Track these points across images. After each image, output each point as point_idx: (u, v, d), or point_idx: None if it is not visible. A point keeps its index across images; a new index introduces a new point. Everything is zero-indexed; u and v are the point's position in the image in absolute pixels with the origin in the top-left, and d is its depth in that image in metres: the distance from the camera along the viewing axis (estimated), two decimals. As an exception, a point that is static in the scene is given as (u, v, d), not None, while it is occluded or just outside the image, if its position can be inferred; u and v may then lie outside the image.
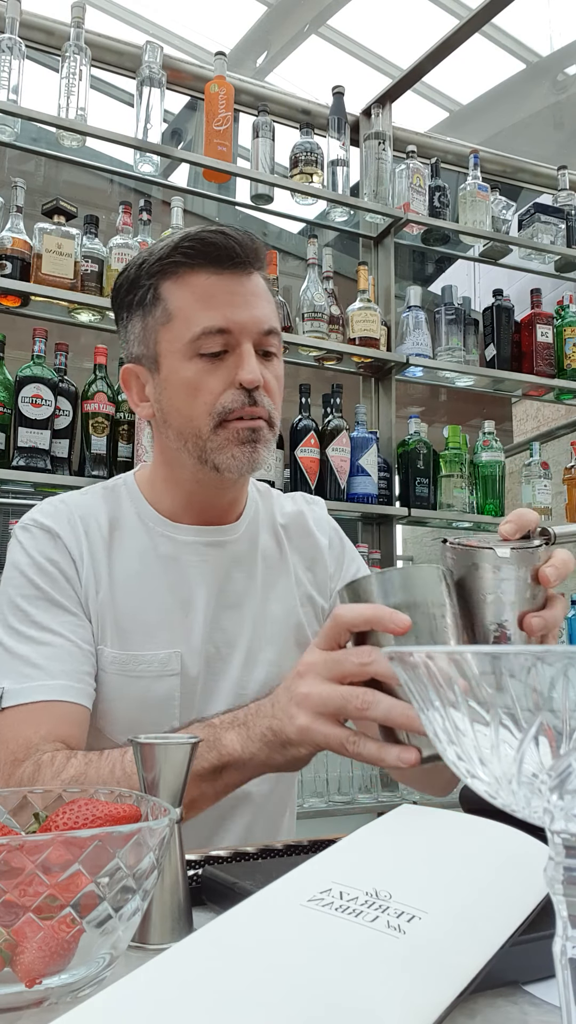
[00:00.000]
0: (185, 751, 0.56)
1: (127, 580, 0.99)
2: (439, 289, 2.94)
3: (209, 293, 0.93)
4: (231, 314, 0.92)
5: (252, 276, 0.95)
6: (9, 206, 2.05)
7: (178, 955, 0.41)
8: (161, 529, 1.02)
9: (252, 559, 1.05)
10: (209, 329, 0.91)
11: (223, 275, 0.93)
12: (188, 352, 0.93)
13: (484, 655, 0.30)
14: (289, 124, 2.56)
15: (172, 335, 0.94)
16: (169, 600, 0.99)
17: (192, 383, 0.93)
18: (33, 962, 0.43)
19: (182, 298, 0.93)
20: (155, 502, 1.04)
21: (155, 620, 0.98)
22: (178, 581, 1.00)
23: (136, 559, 1.00)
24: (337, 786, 2.22)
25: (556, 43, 3.66)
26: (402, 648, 0.34)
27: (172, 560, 1.00)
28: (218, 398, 0.92)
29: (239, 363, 0.92)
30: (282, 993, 0.38)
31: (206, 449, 0.94)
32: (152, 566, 1.00)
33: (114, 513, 1.02)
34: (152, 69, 2.21)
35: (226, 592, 1.02)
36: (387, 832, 0.57)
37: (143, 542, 1.01)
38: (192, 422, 0.94)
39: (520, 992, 0.47)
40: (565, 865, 0.33)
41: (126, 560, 1.00)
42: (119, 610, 0.97)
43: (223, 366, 0.93)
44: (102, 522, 1.01)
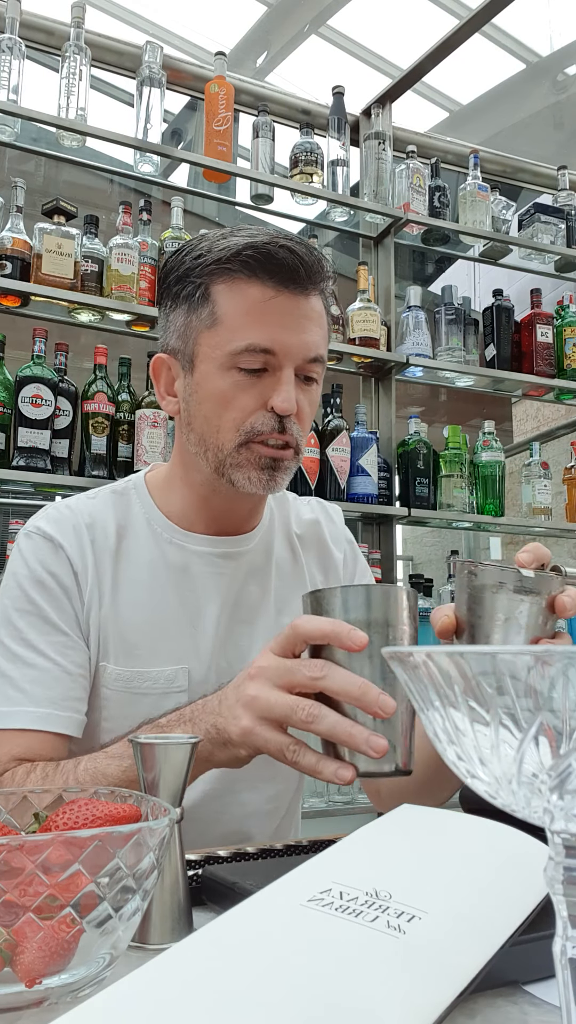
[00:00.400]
0: (185, 751, 0.56)
1: (134, 591, 0.95)
2: (439, 289, 2.94)
3: (261, 309, 0.88)
4: (279, 335, 0.88)
5: (310, 298, 0.91)
6: (9, 206, 2.05)
7: (178, 955, 0.41)
8: (171, 536, 0.98)
9: (266, 571, 1.03)
10: (254, 347, 0.88)
11: (280, 293, 0.88)
12: (227, 363, 0.89)
13: (484, 655, 0.30)
14: (289, 124, 2.56)
15: (215, 341, 0.90)
16: (178, 613, 0.96)
17: (225, 395, 0.89)
18: (33, 962, 0.43)
19: (233, 306, 0.89)
20: (167, 506, 1.00)
21: (162, 634, 0.95)
22: (188, 593, 0.97)
23: (145, 568, 0.97)
24: (337, 786, 2.22)
25: (556, 43, 3.66)
26: (402, 648, 0.34)
27: (182, 571, 0.97)
28: (248, 417, 0.89)
29: (276, 387, 0.89)
30: (282, 993, 0.38)
31: (225, 463, 0.91)
32: (161, 576, 0.97)
33: (123, 519, 0.99)
34: (152, 69, 2.21)
35: (239, 606, 0.99)
36: (387, 832, 0.57)
37: (152, 550, 0.98)
38: (218, 434, 0.91)
39: (520, 992, 0.47)
40: (565, 865, 0.33)
41: (134, 570, 0.96)
42: (124, 624, 0.94)
43: (260, 385, 0.89)
44: (110, 530, 0.97)
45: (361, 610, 0.64)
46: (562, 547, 3.99)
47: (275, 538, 1.05)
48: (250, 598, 1.00)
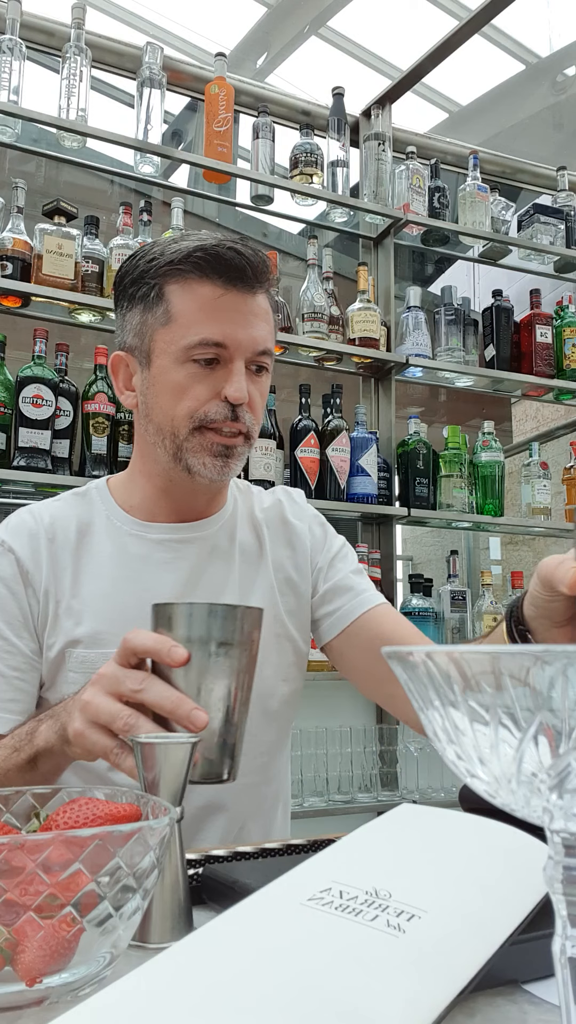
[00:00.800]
0: (185, 751, 0.56)
1: (96, 583, 1.01)
2: (439, 289, 2.94)
3: (212, 306, 0.95)
4: (230, 330, 0.95)
5: (256, 296, 0.98)
6: (10, 207, 2.05)
7: (178, 954, 0.41)
8: (130, 528, 1.04)
9: (229, 554, 1.06)
10: (207, 341, 0.94)
11: (229, 291, 0.95)
12: (182, 356, 0.95)
13: (484, 655, 0.31)
14: (289, 125, 2.56)
15: (169, 337, 0.96)
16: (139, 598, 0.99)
17: (180, 386, 0.96)
18: (33, 961, 0.43)
19: (185, 304, 0.95)
20: (127, 503, 1.06)
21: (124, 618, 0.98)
22: (150, 579, 1.01)
23: (106, 562, 1.02)
24: (337, 785, 2.22)
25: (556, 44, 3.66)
26: (401, 648, 0.34)
27: (142, 559, 1.02)
28: (202, 406, 0.95)
29: (228, 378, 0.95)
30: (282, 992, 0.38)
31: (182, 449, 0.97)
32: (122, 567, 1.01)
33: (85, 518, 1.05)
34: (152, 70, 2.21)
35: (202, 587, 1.03)
36: (387, 831, 0.57)
37: (113, 544, 1.03)
38: (172, 422, 0.97)
39: (520, 991, 0.47)
40: (565, 864, 0.33)
41: (95, 564, 1.02)
42: (88, 614, 0.99)
43: (213, 376, 0.96)
44: (70, 529, 1.03)
45: (187, 627, 0.66)
46: (562, 547, 3.99)
47: (239, 523, 1.09)
48: (213, 579, 1.04)
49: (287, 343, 2.33)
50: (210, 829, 1.00)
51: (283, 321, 2.34)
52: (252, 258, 0.96)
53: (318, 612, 1.10)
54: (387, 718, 2.44)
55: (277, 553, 1.09)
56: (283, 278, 2.43)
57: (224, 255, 0.95)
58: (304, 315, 2.36)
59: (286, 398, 2.48)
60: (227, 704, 0.65)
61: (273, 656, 1.05)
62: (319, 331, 2.35)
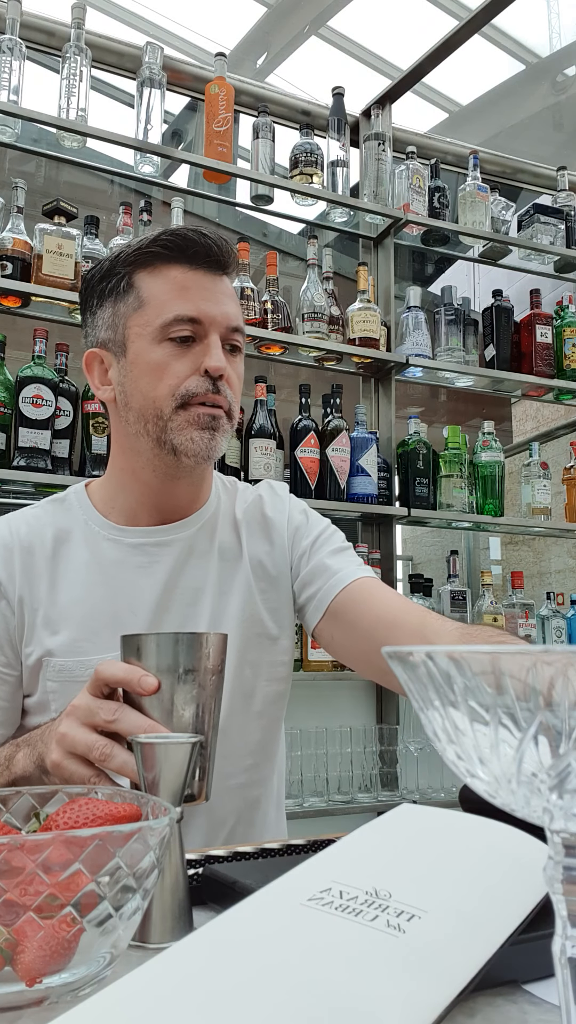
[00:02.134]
0: (185, 751, 0.56)
1: (72, 591, 1.01)
2: (439, 289, 2.94)
3: (183, 285, 0.97)
4: (203, 306, 0.96)
5: (223, 277, 1.00)
6: (10, 207, 2.05)
7: (178, 954, 0.41)
8: (107, 533, 1.04)
9: (207, 554, 1.05)
10: (182, 317, 0.96)
11: (197, 271, 0.98)
12: (158, 336, 0.96)
13: (484, 655, 0.31)
14: (289, 125, 2.56)
15: (143, 320, 0.97)
16: (116, 604, 1.00)
17: (159, 365, 0.96)
18: (33, 961, 0.43)
19: (156, 287, 0.97)
20: (106, 508, 1.05)
21: (101, 626, 0.99)
22: (125, 584, 1.01)
23: (82, 569, 1.02)
24: (337, 786, 2.22)
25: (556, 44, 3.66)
26: (401, 648, 0.34)
27: (118, 564, 1.02)
28: (183, 382, 0.96)
29: (206, 351, 0.96)
30: (282, 992, 0.38)
31: (166, 429, 0.96)
32: (97, 574, 1.01)
33: (62, 525, 1.05)
34: (152, 70, 2.21)
35: (180, 589, 1.03)
36: (387, 832, 0.57)
37: (89, 551, 1.03)
38: (155, 403, 0.97)
39: (520, 991, 0.47)
40: (565, 864, 0.33)
41: (72, 572, 1.02)
42: (64, 623, 0.99)
43: (190, 353, 0.97)
44: (47, 537, 1.03)
45: (155, 656, 0.67)
46: (562, 547, 3.99)
47: (219, 522, 1.08)
48: (192, 580, 1.03)
49: (287, 343, 2.33)
50: (192, 831, 0.99)
51: (283, 321, 2.34)
52: (216, 240, 0.98)
53: (301, 598, 1.08)
54: (387, 718, 2.44)
55: (255, 550, 1.08)
56: (283, 278, 2.43)
57: (190, 236, 0.97)
58: (304, 315, 2.36)
59: (286, 398, 2.48)
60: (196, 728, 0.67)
61: (252, 655, 1.04)
62: (319, 331, 2.35)
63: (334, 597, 1.03)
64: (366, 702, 2.45)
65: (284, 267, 2.51)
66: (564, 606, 2.74)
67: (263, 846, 0.73)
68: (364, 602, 1.02)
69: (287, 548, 1.08)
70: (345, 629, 1.04)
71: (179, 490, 1.04)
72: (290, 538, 1.09)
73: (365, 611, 1.02)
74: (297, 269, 2.82)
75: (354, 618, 1.03)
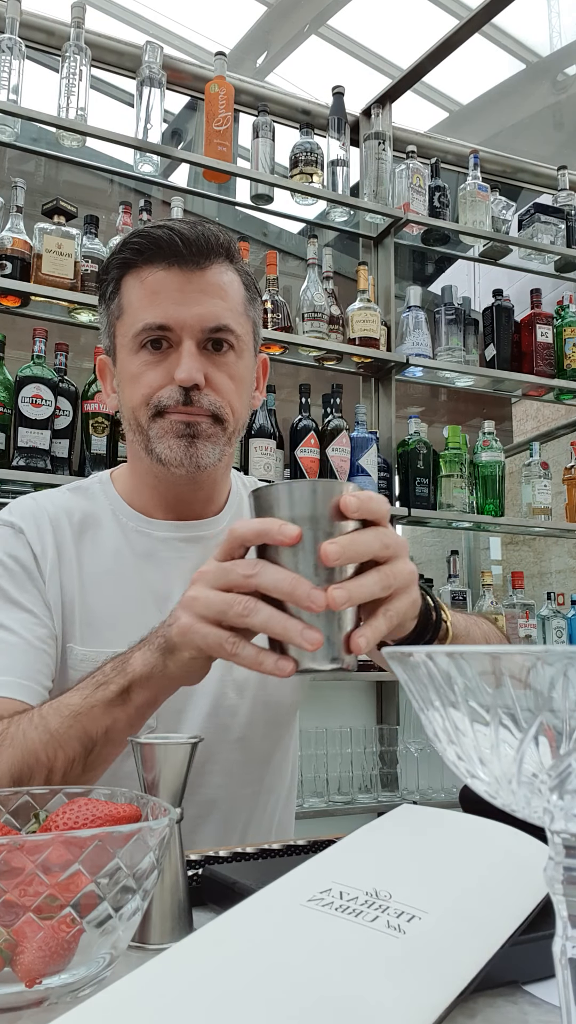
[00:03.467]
0: (185, 751, 0.56)
1: (99, 577, 0.98)
2: (439, 289, 2.94)
3: (154, 289, 0.93)
4: (172, 311, 0.92)
5: (205, 271, 0.94)
6: (9, 206, 2.05)
7: (178, 955, 0.41)
8: (136, 524, 1.01)
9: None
10: (149, 325, 0.92)
11: (170, 271, 0.93)
12: (133, 345, 0.94)
13: (484, 655, 0.30)
14: (289, 124, 2.56)
15: (123, 328, 0.96)
16: (144, 596, 0.97)
17: (135, 375, 0.94)
18: (33, 962, 0.43)
19: (133, 292, 0.95)
20: (131, 498, 1.03)
21: (128, 617, 0.95)
22: (155, 578, 0.98)
23: (110, 556, 0.99)
24: (337, 786, 2.22)
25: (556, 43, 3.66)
26: (403, 648, 0.34)
27: (148, 556, 0.99)
28: (155, 392, 0.93)
29: (178, 361, 0.92)
30: (282, 993, 0.38)
31: (148, 438, 0.95)
32: (126, 563, 0.99)
33: (88, 510, 1.02)
34: (152, 69, 2.21)
35: None
36: (387, 832, 0.57)
37: (117, 539, 1.00)
38: (135, 413, 0.95)
39: (520, 992, 0.47)
40: (565, 865, 0.33)
41: (99, 557, 0.99)
42: (90, 608, 0.96)
43: (165, 362, 0.94)
44: (74, 519, 1.00)
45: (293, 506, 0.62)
46: (562, 547, 3.99)
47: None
48: None
49: (287, 343, 2.33)
50: (204, 833, 0.98)
51: (283, 321, 2.34)
52: (188, 232, 0.93)
53: None
54: (387, 719, 2.44)
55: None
56: (283, 278, 2.43)
57: (153, 234, 0.93)
58: (304, 315, 2.36)
59: (286, 398, 2.47)
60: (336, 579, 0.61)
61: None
62: (319, 331, 2.35)
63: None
64: (366, 703, 2.45)
65: (284, 267, 2.51)
66: (564, 606, 2.74)
67: (263, 847, 0.73)
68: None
69: None
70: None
71: (187, 495, 1.01)
72: None
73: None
74: (297, 269, 2.81)
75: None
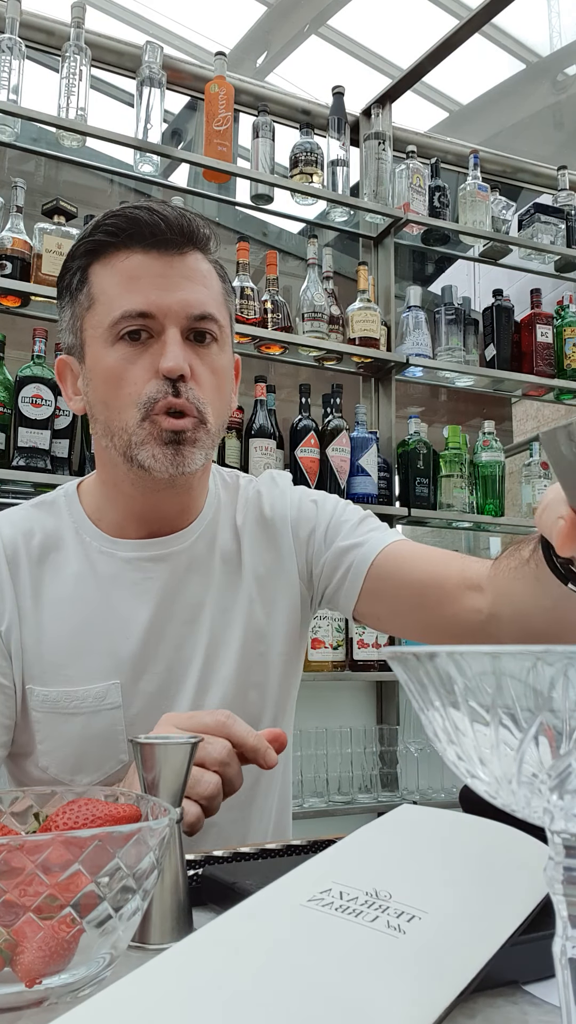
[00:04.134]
0: (185, 751, 0.56)
1: (58, 607, 0.91)
2: (439, 289, 2.94)
3: (133, 274, 0.85)
4: (154, 297, 0.84)
5: (186, 256, 0.87)
6: (9, 206, 2.05)
7: (178, 955, 0.41)
8: (99, 545, 0.93)
9: (208, 564, 0.96)
10: (130, 313, 0.84)
11: (150, 255, 0.85)
12: (110, 337, 0.86)
13: (484, 655, 0.30)
14: (289, 124, 2.56)
15: (95, 320, 0.87)
16: (106, 626, 0.91)
17: (115, 371, 0.86)
18: (33, 962, 0.43)
19: (106, 280, 0.86)
20: (97, 515, 0.95)
21: (89, 650, 0.90)
22: (118, 603, 0.91)
23: (70, 583, 0.92)
24: (337, 786, 2.22)
25: (556, 43, 3.66)
26: (402, 648, 0.34)
27: (111, 580, 0.92)
28: (142, 388, 0.85)
29: (162, 351, 0.85)
30: (282, 993, 0.38)
31: (131, 444, 0.86)
32: (87, 589, 0.92)
33: (50, 530, 0.94)
34: (152, 69, 2.21)
35: (179, 606, 0.93)
36: (387, 832, 0.57)
37: (80, 563, 0.93)
38: (119, 415, 0.86)
39: (520, 992, 0.47)
40: (565, 865, 0.33)
41: (59, 586, 0.92)
42: (48, 643, 0.90)
43: (147, 353, 0.85)
44: (32, 544, 0.93)
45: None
46: (562, 547, 3.98)
47: (219, 529, 0.98)
48: (191, 596, 0.94)
49: (287, 343, 2.33)
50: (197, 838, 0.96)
51: (283, 321, 2.34)
52: (169, 215, 0.86)
53: (329, 589, 0.98)
54: (387, 719, 2.44)
55: (256, 560, 0.98)
56: (283, 278, 2.43)
57: (134, 215, 0.85)
58: (304, 315, 2.36)
59: (286, 398, 2.47)
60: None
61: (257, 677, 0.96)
62: (319, 331, 2.35)
63: (365, 576, 0.94)
64: (366, 702, 2.45)
65: (284, 267, 2.51)
66: (564, 606, 2.74)
67: (263, 847, 0.72)
68: (399, 569, 0.93)
69: (292, 549, 0.99)
70: (388, 603, 0.95)
71: (165, 504, 0.93)
72: (295, 536, 0.99)
73: (403, 578, 0.93)
74: (297, 269, 2.81)
75: (394, 589, 0.93)
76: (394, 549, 0.95)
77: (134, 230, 0.85)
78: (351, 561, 0.95)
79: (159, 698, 0.91)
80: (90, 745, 0.89)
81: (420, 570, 0.92)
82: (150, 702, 0.91)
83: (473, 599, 0.88)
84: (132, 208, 0.86)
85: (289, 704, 1.02)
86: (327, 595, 1.00)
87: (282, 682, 0.99)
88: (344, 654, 2.31)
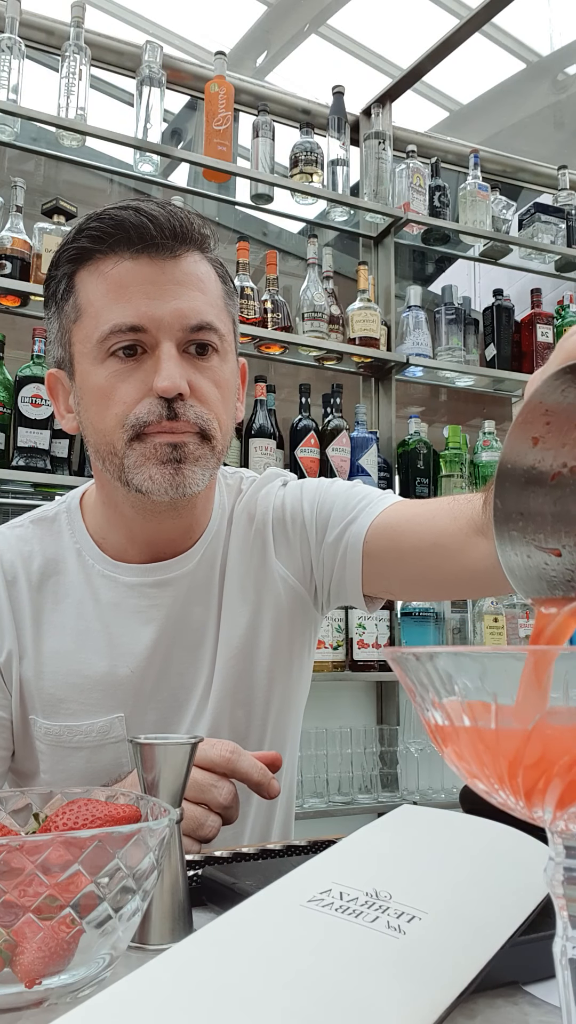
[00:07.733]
0: (185, 751, 0.56)
1: (59, 638, 0.87)
2: (439, 289, 2.94)
3: (121, 283, 0.78)
4: (146, 308, 0.77)
5: (180, 259, 0.80)
6: (9, 206, 2.05)
7: (178, 956, 0.41)
8: (102, 568, 0.88)
9: (210, 586, 0.91)
10: (119, 327, 0.77)
11: (139, 260, 0.78)
12: (99, 354, 0.79)
13: (484, 655, 0.30)
14: (289, 124, 2.56)
15: (83, 334, 0.80)
16: (110, 655, 0.87)
17: (104, 390, 0.79)
18: (33, 962, 0.43)
19: (93, 289, 0.79)
20: (100, 534, 0.90)
21: (91, 682, 0.86)
22: (120, 632, 0.87)
23: (72, 611, 0.88)
24: (337, 786, 2.22)
25: (556, 43, 3.65)
26: (403, 648, 0.34)
27: (114, 607, 0.88)
28: (132, 408, 0.78)
29: (156, 367, 0.78)
30: (282, 994, 0.38)
31: (123, 468, 0.79)
32: (89, 618, 0.88)
33: (51, 552, 0.89)
34: (152, 69, 2.21)
35: (182, 632, 0.89)
36: (387, 832, 0.57)
37: (82, 588, 0.88)
38: (106, 436, 0.79)
39: (520, 992, 0.47)
40: (565, 865, 0.33)
41: (59, 614, 0.88)
42: (49, 675, 0.87)
43: (140, 370, 0.79)
44: (33, 569, 0.88)
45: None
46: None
47: (220, 547, 0.93)
48: (194, 620, 0.90)
49: (287, 343, 2.33)
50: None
51: (283, 320, 2.34)
52: (159, 215, 0.78)
53: (333, 578, 0.93)
54: (387, 719, 2.44)
55: (242, 571, 0.93)
56: (283, 277, 2.43)
57: (119, 217, 0.78)
58: (304, 314, 2.36)
59: (286, 398, 2.47)
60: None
61: (280, 688, 0.93)
62: (319, 330, 2.35)
63: (362, 546, 0.88)
64: (366, 703, 2.45)
65: (284, 266, 2.51)
66: (564, 606, 2.74)
67: (263, 847, 0.72)
68: (395, 540, 0.87)
69: (274, 556, 0.94)
70: (394, 577, 0.91)
71: (167, 527, 0.88)
72: (288, 539, 0.94)
73: (402, 549, 0.87)
74: (297, 268, 2.81)
75: (395, 562, 0.88)
76: (385, 520, 0.88)
77: (120, 234, 0.78)
78: (344, 547, 0.90)
79: (163, 726, 0.90)
80: (95, 778, 0.86)
81: (417, 535, 0.86)
82: (157, 729, 0.89)
83: (479, 545, 0.80)
84: (117, 209, 0.79)
85: (290, 719, 1.00)
86: (333, 588, 0.95)
87: (270, 698, 0.94)
88: (344, 654, 2.30)
